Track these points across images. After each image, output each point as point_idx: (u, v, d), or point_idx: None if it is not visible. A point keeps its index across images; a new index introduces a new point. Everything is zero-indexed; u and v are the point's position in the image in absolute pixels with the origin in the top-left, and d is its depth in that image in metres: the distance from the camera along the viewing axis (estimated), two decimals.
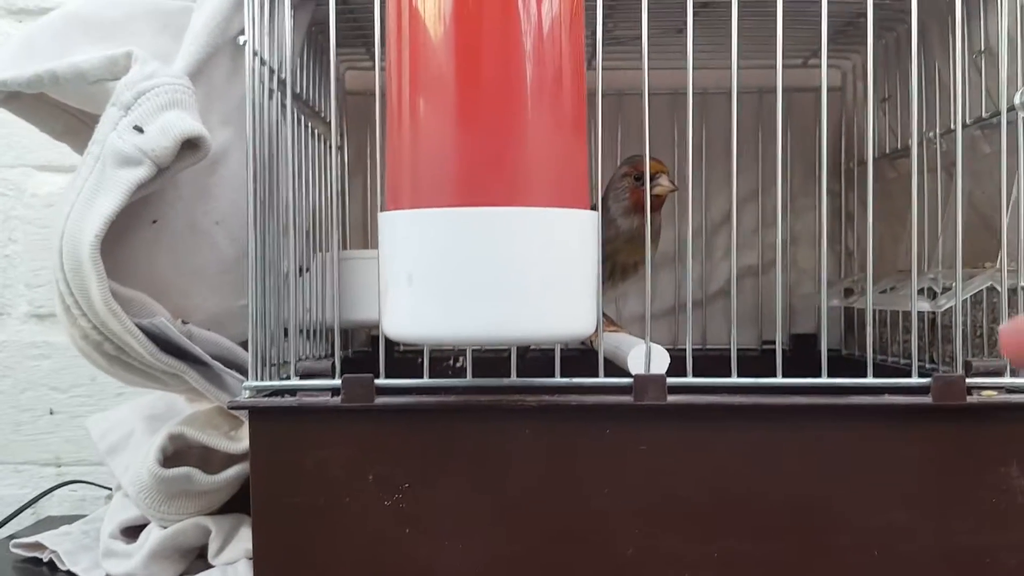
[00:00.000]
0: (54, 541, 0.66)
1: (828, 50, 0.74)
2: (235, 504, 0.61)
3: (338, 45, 0.72)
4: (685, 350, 0.52)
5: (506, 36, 0.42)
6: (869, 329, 0.52)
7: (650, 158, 0.67)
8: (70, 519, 0.77)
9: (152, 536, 0.59)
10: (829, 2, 0.57)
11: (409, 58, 0.42)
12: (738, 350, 0.79)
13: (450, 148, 0.42)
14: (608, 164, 0.80)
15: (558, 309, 0.42)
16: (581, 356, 0.75)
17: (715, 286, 0.82)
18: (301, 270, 0.62)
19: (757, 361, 0.51)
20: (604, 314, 0.74)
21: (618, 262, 0.66)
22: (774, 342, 0.80)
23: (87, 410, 0.86)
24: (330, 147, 0.73)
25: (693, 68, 0.69)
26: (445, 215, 0.41)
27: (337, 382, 0.50)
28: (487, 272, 0.41)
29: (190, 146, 0.52)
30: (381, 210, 0.44)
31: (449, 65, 0.42)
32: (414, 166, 0.42)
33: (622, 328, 0.69)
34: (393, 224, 0.43)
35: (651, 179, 0.65)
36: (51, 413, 0.88)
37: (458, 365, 0.76)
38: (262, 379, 0.52)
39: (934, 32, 0.63)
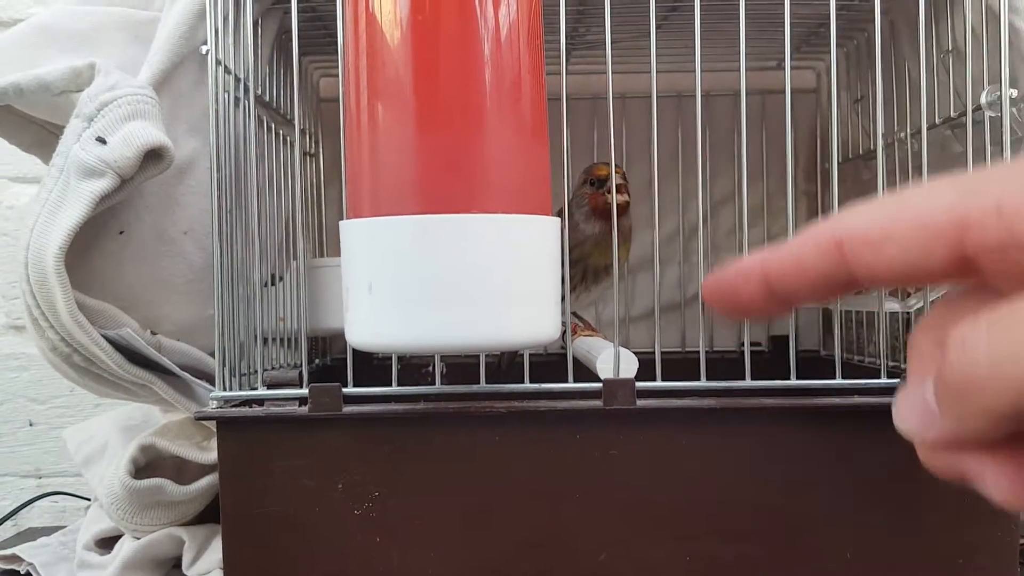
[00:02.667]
0: (31, 553, 0.66)
1: (802, 52, 0.75)
2: (210, 514, 0.61)
3: (311, 52, 0.73)
4: (666, 354, 0.52)
5: (464, 42, 0.42)
6: (837, 331, 0.52)
7: (607, 164, 0.68)
8: (51, 530, 0.76)
9: (125, 547, 0.59)
10: (797, 4, 0.57)
11: (366, 65, 0.42)
12: (717, 352, 0.79)
13: (408, 155, 0.41)
14: (584, 167, 0.80)
15: (520, 315, 0.42)
16: (556, 360, 0.76)
17: (694, 288, 0.82)
18: (273, 279, 0.62)
19: (737, 363, 0.51)
20: (580, 318, 0.74)
21: (589, 265, 0.66)
22: (756, 343, 0.80)
23: (66, 421, 0.85)
24: (303, 154, 0.73)
25: (671, 71, 0.70)
26: (403, 223, 0.41)
27: (304, 391, 0.50)
28: (447, 280, 0.41)
29: (154, 156, 0.51)
30: (341, 219, 0.44)
31: (406, 71, 0.41)
32: (373, 174, 0.42)
33: (598, 332, 0.69)
34: (353, 233, 0.43)
35: (603, 183, 0.65)
36: (30, 425, 0.87)
37: (436, 370, 0.76)
38: (230, 389, 0.52)
39: (903, 32, 0.63)
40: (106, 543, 0.62)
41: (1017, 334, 0.20)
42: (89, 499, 0.77)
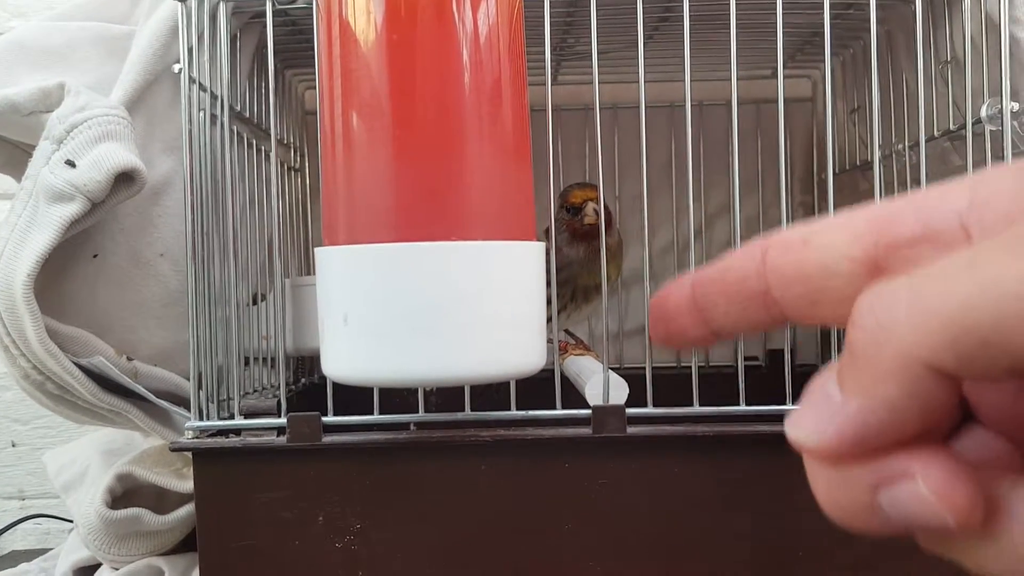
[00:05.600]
0: None
1: (797, 60, 0.73)
2: (190, 543, 0.59)
3: (295, 65, 0.72)
4: (661, 369, 0.50)
5: (441, 62, 0.40)
6: (834, 350, 0.51)
7: (581, 185, 0.66)
8: (34, 553, 0.75)
9: None
10: (791, 12, 0.55)
11: (340, 88, 0.41)
12: (714, 367, 0.78)
13: (385, 180, 0.40)
14: (576, 179, 0.79)
15: (503, 346, 0.41)
16: (547, 378, 0.74)
17: None
18: (255, 299, 0.61)
19: (734, 379, 0.49)
20: (572, 335, 0.72)
21: (578, 285, 0.65)
22: (752, 358, 0.79)
23: (49, 442, 0.84)
24: (289, 169, 0.71)
25: (663, 81, 0.68)
26: (380, 251, 0.39)
27: (282, 421, 0.49)
28: (426, 311, 0.39)
29: (125, 179, 0.50)
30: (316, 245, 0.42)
31: (381, 93, 0.40)
32: (348, 200, 0.41)
33: (590, 350, 0.67)
34: (328, 261, 0.41)
35: (578, 210, 0.64)
36: (13, 446, 0.86)
37: (428, 391, 0.74)
38: (207, 417, 0.50)
39: (900, 42, 0.62)
40: (84, 572, 0.61)
41: (942, 277, 0.18)
42: (72, 521, 0.76)
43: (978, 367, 0.17)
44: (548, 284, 0.45)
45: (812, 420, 0.19)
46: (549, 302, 0.47)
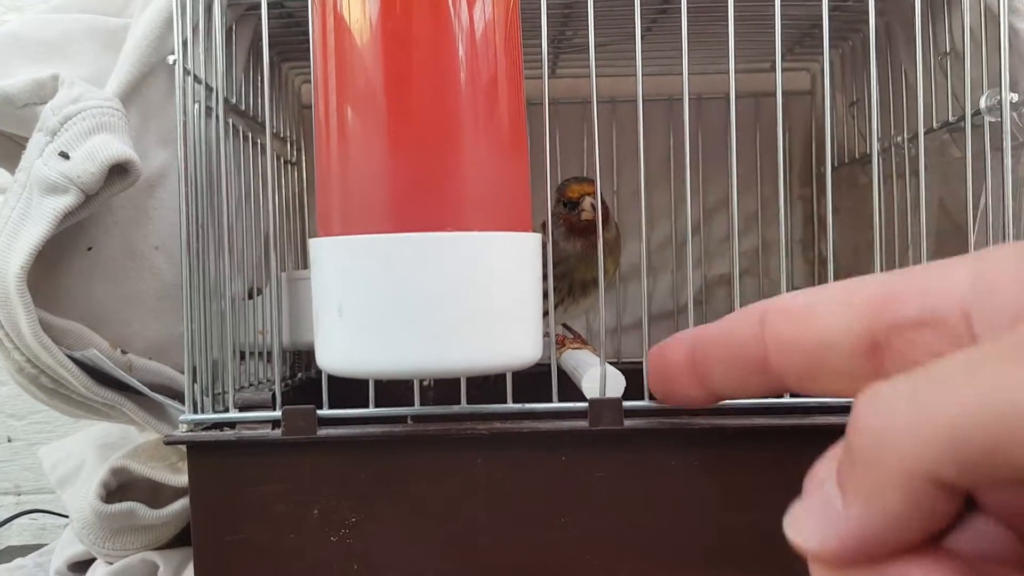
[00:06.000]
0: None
1: (795, 53, 0.73)
2: (186, 537, 0.59)
3: (292, 58, 0.71)
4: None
5: (437, 51, 0.40)
6: None
7: (579, 179, 0.66)
8: (30, 549, 0.75)
9: (97, 573, 0.57)
10: (789, 5, 0.55)
11: (334, 77, 0.40)
12: None
13: (380, 170, 0.39)
14: (574, 173, 0.78)
15: (499, 337, 0.40)
16: (545, 372, 0.74)
17: (686, 297, 0.80)
18: (251, 293, 0.60)
19: None
20: (570, 328, 0.72)
21: (575, 279, 0.64)
22: None
23: (45, 437, 0.84)
24: (285, 162, 0.71)
25: (661, 74, 0.68)
26: (375, 242, 0.39)
27: (277, 414, 0.48)
28: (421, 302, 0.39)
29: (120, 171, 0.49)
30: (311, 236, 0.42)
31: (376, 82, 0.39)
32: (343, 190, 0.40)
33: (588, 344, 0.67)
34: (322, 252, 0.41)
35: (575, 205, 0.63)
36: (8, 441, 0.86)
37: (425, 384, 0.74)
38: (201, 411, 0.50)
39: (900, 34, 0.61)
40: (79, 567, 0.60)
41: (942, 382, 0.17)
42: (68, 517, 0.75)
43: (982, 478, 0.17)
44: (545, 278, 0.45)
45: (813, 524, 0.19)
46: (546, 296, 0.46)
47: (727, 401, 0.49)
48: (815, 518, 0.19)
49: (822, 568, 0.19)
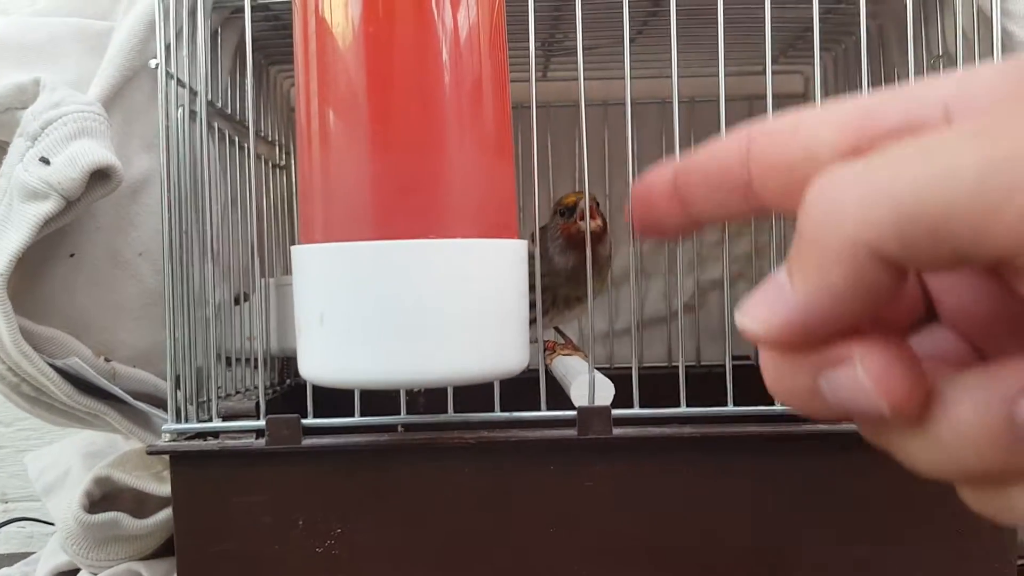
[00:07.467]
0: None
1: (788, 56, 0.72)
2: (172, 547, 0.58)
3: (279, 61, 0.70)
4: (651, 369, 0.49)
5: (420, 54, 0.39)
6: None
7: (577, 193, 0.65)
8: (17, 557, 0.74)
9: None
10: (781, 7, 0.54)
11: (316, 82, 0.40)
12: (704, 366, 0.77)
13: (362, 176, 0.39)
14: (566, 177, 0.78)
15: (484, 346, 0.40)
16: (535, 378, 0.73)
17: (679, 301, 0.80)
18: (237, 299, 0.60)
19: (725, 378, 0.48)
20: (562, 333, 0.71)
21: (559, 295, 0.63)
22: (744, 357, 0.78)
23: (32, 444, 0.83)
24: (273, 167, 0.70)
25: (653, 77, 0.67)
26: (356, 249, 0.38)
27: (261, 423, 0.48)
28: (404, 311, 0.38)
29: (101, 176, 0.49)
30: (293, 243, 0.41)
31: (358, 86, 0.39)
32: (325, 196, 0.40)
33: (579, 350, 0.66)
34: (304, 259, 0.40)
35: (572, 211, 0.61)
36: None
37: (415, 392, 0.73)
38: (185, 419, 0.49)
39: (892, 36, 0.61)
40: None
41: (894, 162, 0.17)
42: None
43: (923, 255, 0.17)
44: (532, 288, 0.44)
45: (762, 309, 0.19)
46: (533, 305, 0.46)
47: (715, 409, 0.48)
48: (764, 304, 0.19)
49: (773, 354, 0.20)
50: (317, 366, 0.40)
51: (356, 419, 0.48)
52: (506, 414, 0.48)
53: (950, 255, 0.17)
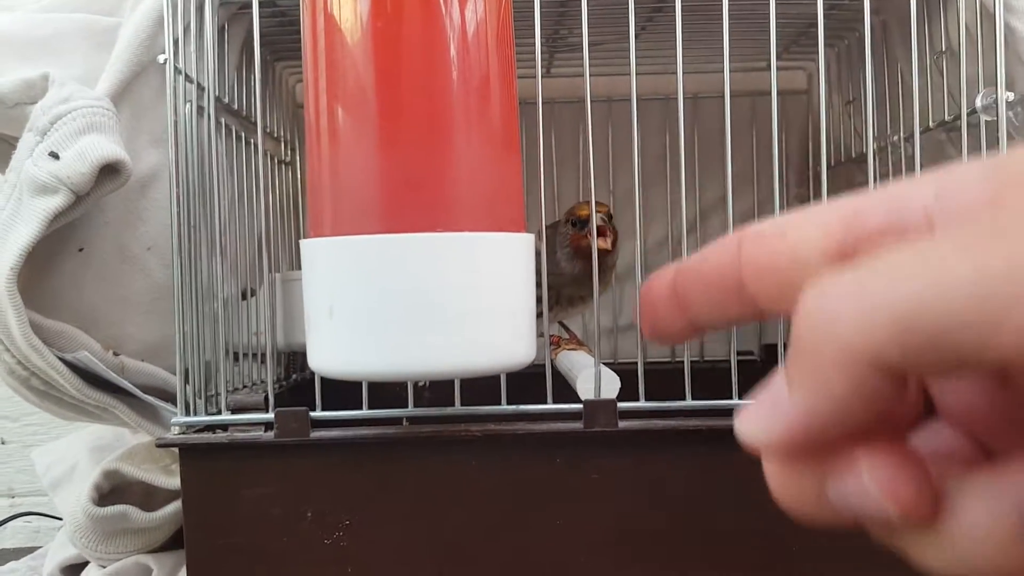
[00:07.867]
0: None
1: (792, 52, 0.73)
2: (179, 540, 0.59)
3: (285, 57, 0.71)
4: (655, 364, 0.50)
5: (428, 50, 0.39)
6: None
7: (590, 203, 0.65)
8: (24, 551, 0.74)
9: None
10: (785, 4, 0.54)
11: (325, 78, 0.40)
12: (708, 361, 0.77)
13: (371, 170, 0.39)
14: (570, 174, 0.78)
15: (491, 339, 0.40)
16: (540, 373, 0.73)
17: None
18: (245, 294, 0.60)
19: (729, 373, 0.48)
20: (567, 328, 0.72)
21: (563, 294, 0.63)
22: (747, 352, 0.78)
23: (39, 439, 0.83)
24: (279, 163, 0.70)
25: (657, 73, 0.67)
26: (365, 243, 0.39)
27: (270, 416, 0.48)
28: (412, 304, 0.38)
29: (110, 171, 0.49)
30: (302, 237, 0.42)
31: (367, 82, 0.39)
32: (334, 190, 0.40)
33: (584, 344, 0.67)
34: (313, 253, 0.40)
35: (584, 223, 0.60)
36: (2, 443, 0.85)
37: (421, 385, 0.73)
38: (194, 413, 0.50)
39: (896, 32, 0.61)
40: (72, 570, 0.60)
41: (890, 269, 0.17)
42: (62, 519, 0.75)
43: (924, 363, 0.17)
44: (538, 285, 0.44)
45: (762, 418, 0.19)
46: (538, 300, 0.46)
47: (720, 402, 0.49)
48: (764, 412, 0.19)
49: (775, 463, 0.20)
50: (326, 358, 0.40)
51: (364, 411, 0.49)
52: (512, 407, 0.49)
53: (953, 362, 0.17)
